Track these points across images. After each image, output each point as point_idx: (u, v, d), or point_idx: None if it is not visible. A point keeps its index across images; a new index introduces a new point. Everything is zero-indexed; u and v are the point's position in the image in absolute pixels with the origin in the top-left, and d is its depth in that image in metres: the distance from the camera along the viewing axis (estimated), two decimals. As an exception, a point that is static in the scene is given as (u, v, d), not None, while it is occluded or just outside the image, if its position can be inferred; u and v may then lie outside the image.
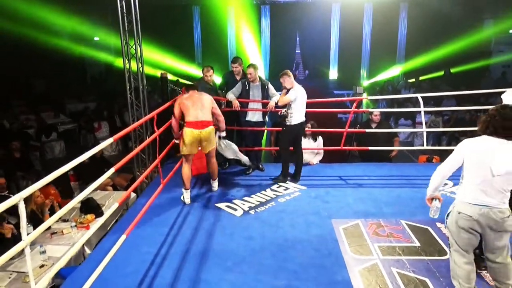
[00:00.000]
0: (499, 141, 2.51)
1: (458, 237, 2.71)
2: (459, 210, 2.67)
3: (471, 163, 2.58)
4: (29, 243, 2.00)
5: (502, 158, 2.48)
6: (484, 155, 2.53)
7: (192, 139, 4.38)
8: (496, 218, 2.56)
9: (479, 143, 2.58)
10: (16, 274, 3.72)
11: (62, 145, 9.35)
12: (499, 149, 2.49)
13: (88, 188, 2.80)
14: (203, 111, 4.43)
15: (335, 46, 15.68)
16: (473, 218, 2.60)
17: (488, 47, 14.81)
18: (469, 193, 2.62)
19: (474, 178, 2.59)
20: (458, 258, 2.75)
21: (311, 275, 3.23)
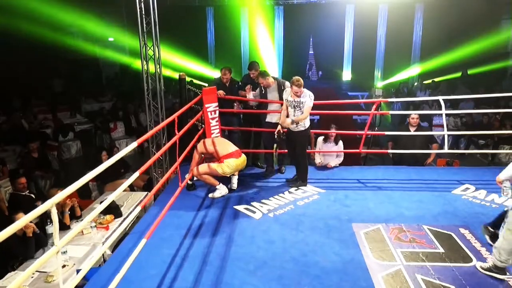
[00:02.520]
0: None
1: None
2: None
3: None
4: (61, 248, 2.00)
5: None
6: None
7: (235, 167, 4.86)
8: None
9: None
10: (38, 273, 3.76)
11: (78, 145, 9.45)
12: None
13: (115, 193, 2.81)
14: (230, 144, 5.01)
15: (348, 47, 15.58)
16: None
17: (506, 48, 14.56)
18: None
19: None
20: (510, 235, 3.07)
21: (334, 281, 3.19)
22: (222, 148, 4.87)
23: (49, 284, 3.61)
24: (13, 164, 7.35)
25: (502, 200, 4.58)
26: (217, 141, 5.03)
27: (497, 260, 3.16)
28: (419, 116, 5.69)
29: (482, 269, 3.28)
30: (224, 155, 4.80)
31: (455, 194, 4.85)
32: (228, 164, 4.76)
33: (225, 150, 4.85)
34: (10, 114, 9.43)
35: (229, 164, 4.77)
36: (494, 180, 5.12)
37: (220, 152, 4.82)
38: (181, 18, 14.58)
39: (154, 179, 6.49)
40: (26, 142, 7.67)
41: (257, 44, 15.32)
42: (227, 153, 4.82)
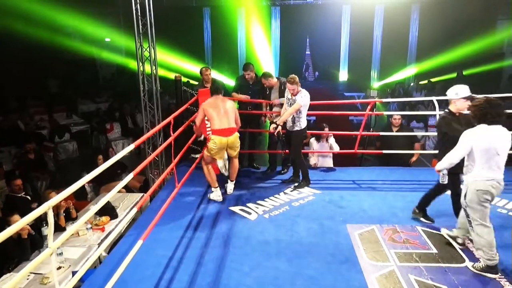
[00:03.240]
0: (494, 127, 3.11)
1: (479, 211, 3.21)
2: (476, 188, 3.17)
3: (480, 148, 3.10)
4: (55, 249, 2.02)
5: (500, 139, 3.10)
6: (488, 139, 3.08)
7: (221, 146, 4.59)
8: (501, 188, 3.21)
9: (482, 131, 3.12)
10: (33, 275, 3.76)
11: (74, 145, 9.45)
12: (496, 132, 3.10)
13: (109, 194, 2.81)
14: (228, 118, 4.62)
15: (345, 47, 15.62)
16: (489, 191, 3.15)
17: (501, 48, 14.64)
18: (482, 173, 3.15)
19: (485, 159, 3.12)
20: (481, 229, 3.22)
21: (329, 281, 3.22)
22: (216, 121, 4.58)
23: (45, 285, 3.62)
24: (9, 165, 7.34)
25: (496, 200, 4.61)
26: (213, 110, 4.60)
27: (486, 259, 3.24)
28: (416, 117, 5.76)
29: (475, 269, 3.32)
30: (214, 129, 4.61)
31: (448, 195, 4.87)
32: (213, 141, 4.57)
33: (218, 124, 4.58)
34: (6, 115, 9.41)
35: (215, 141, 4.56)
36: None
37: (212, 124, 4.62)
38: (177, 18, 14.57)
39: (150, 180, 6.50)
40: (22, 143, 7.66)
41: (254, 45, 15.33)
42: (218, 128, 4.57)
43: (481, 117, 3.14)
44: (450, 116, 3.72)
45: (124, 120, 10.43)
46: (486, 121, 3.12)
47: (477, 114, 3.16)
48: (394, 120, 5.92)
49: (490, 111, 3.10)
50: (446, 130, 3.66)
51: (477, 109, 3.15)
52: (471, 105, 3.25)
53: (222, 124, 4.58)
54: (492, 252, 3.20)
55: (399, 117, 5.95)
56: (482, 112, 3.13)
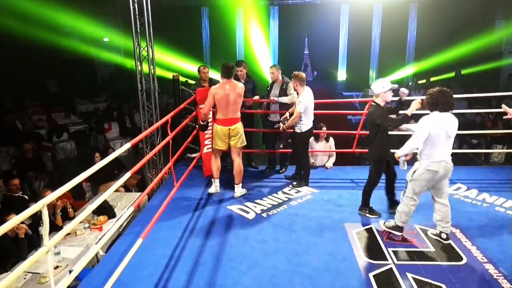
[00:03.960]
0: (445, 114, 3.47)
1: (419, 187, 3.61)
2: (427, 168, 3.52)
3: (435, 133, 3.43)
4: (51, 248, 2.01)
5: (450, 124, 3.46)
6: (441, 125, 3.43)
7: (223, 136, 4.64)
8: (450, 168, 3.57)
9: (436, 118, 3.45)
10: (31, 275, 3.75)
11: (73, 145, 9.42)
12: (447, 119, 3.46)
13: (107, 193, 2.80)
14: (234, 107, 4.61)
15: (343, 47, 15.62)
16: (437, 171, 3.52)
17: (499, 48, 14.65)
18: (434, 154, 3.49)
19: (438, 143, 3.46)
20: (410, 201, 3.69)
21: (327, 280, 3.21)
22: (222, 110, 4.58)
23: (42, 285, 3.60)
24: (7, 165, 7.32)
25: (493, 199, 4.64)
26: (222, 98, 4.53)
27: (399, 221, 3.77)
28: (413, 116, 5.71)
29: (386, 227, 3.88)
30: (218, 118, 4.65)
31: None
32: (215, 129, 4.67)
33: (223, 114, 4.59)
34: (4, 115, 9.39)
35: (216, 130, 4.66)
36: (486, 179, 5.25)
37: (217, 113, 4.64)
38: (176, 18, 14.54)
39: (148, 179, 6.49)
40: (20, 143, 7.64)
41: (252, 44, 15.32)
42: (222, 118, 4.60)
43: (434, 105, 3.49)
44: (379, 109, 4.00)
45: (122, 119, 10.41)
46: (438, 109, 3.47)
47: (432, 103, 3.50)
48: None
49: (442, 100, 3.46)
50: (380, 121, 3.94)
51: (432, 98, 3.50)
52: (427, 95, 3.57)
53: (227, 114, 4.58)
54: (407, 218, 3.75)
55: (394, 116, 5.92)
56: (436, 101, 3.47)
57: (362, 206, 4.37)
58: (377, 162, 4.15)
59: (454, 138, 3.57)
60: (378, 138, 4.01)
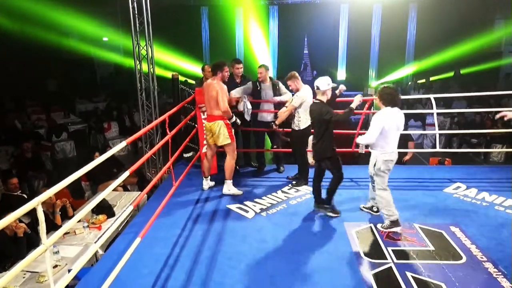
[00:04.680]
0: (395, 109, 3.80)
1: (383, 177, 3.88)
2: (385, 159, 3.82)
3: (389, 127, 3.74)
4: (49, 246, 2.00)
5: (399, 118, 3.80)
6: (393, 119, 3.75)
7: (206, 131, 4.86)
8: (396, 157, 3.90)
9: (389, 113, 3.77)
10: (30, 274, 3.74)
11: (72, 145, 9.43)
12: (396, 113, 3.79)
13: (105, 191, 2.79)
14: (210, 104, 4.70)
15: (343, 46, 15.62)
16: (393, 160, 3.85)
17: (499, 48, 14.66)
18: (389, 146, 3.81)
19: (391, 135, 3.78)
20: (384, 192, 3.90)
21: (326, 279, 3.21)
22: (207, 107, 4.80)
23: (41, 284, 3.60)
24: (6, 165, 7.31)
25: (493, 198, 4.64)
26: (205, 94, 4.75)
27: (389, 216, 3.88)
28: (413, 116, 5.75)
29: (383, 228, 3.94)
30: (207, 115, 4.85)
31: (446, 192, 4.89)
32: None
33: (208, 110, 4.80)
34: (3, 114, 9.38)
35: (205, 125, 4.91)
36: (485, 178, 5.25)
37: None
38: (175, 17, 14.54)
39: (148, 178, 6.49)
40: (19, 142, 7.63)
41: (252, 44, 15.32)
42: (208, 114, 4.81)
43: (388, 101, 3.79)
44: (324, 105, 4.08)
45: (121, 119, 10.41)
46: (391, 104, 3.78)
47: (387, 99, 3.80)
48: None
49: (394, 97, 3.80)
50: (330, 116, 4.01)
51: (386, 94, 3.80)
52: (381, 92, 3.85)
53: (208, 110, 4.78)
54: (392, 208, 3.86)
55: None
56: (390, 97, 3.79)
57: (324, 204, 4.33)
58: (331, 158, 4.17)
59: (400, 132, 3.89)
60: (327, 134, 4.09)
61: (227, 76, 4.82)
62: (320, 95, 4.12)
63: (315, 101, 4.18)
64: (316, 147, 4.21)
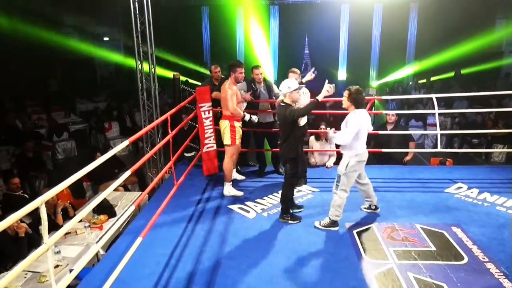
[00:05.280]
0: (364, 110, 3.92)
1: (351, 178, 3.94)
2: (358, 160, 3.88)
3: (362, 128, 3.82)
4: (51, 246, 2.00)
5: (367, 119, 3.92)
6: (364, 120, 3.85)
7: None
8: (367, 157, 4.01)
9: (361, 115, 3.84)
10: (31, 274, 3.74)
11: (73, 145, 9.42)
12: (366, 114, 3.90)
13: (106, 191, 2.79)
14: (222, 104, 4.83)
15: (344, 46, 15.62)
16: (364, 160, 3.96)
17: (500, 47, 14.64)
18: (361, 147, 3.87)
19: (362, 136, 3.85)
20: (344, 194, 3.96)
21: (327, 279, 3.21)
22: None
23: (42, 284, 3.60)
24: (7, 164, 7.31)
25: (494, 198, 4.63)
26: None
27: (334, 215, 3.97)
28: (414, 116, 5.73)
29: (322, 226, 4.02)
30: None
31: (447, 192, 4.88)
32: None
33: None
34: (3, 114, 9.37)
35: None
36: (487, 179, 5.24)
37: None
38: (176, 17, 14.55)
39: (149, 178, 6.49)
40: (20, 142, 7.63)
41: (253, 44, 15.32)
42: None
43: (359, 102, 3.84)
44: (288, 107, 4.04)
45: (122, 119, 10.41)
46: (361, 106, 3.86)
47: (358, 100, 3.84)
48: (389, 117, 5.89)
49: (363, 98, 3.89)
50: (292, 115, 3.97)
51: (356, 96, 3.84)
52: (352, 93, 3.86)
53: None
54: (341, 210, 3.97)
55: (394, 114, 5.90)
56: (360, 98, 3.85)
57: (283, 214, 4.22)
58: (291, 160, 4.11)
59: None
60: (291, 137, 4.05)
61: (241, 77, 4.75)
62: (285, 98, 4.06)
63: (281, 104, 4.09)
64: (281, 148, 4.14)
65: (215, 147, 5.43)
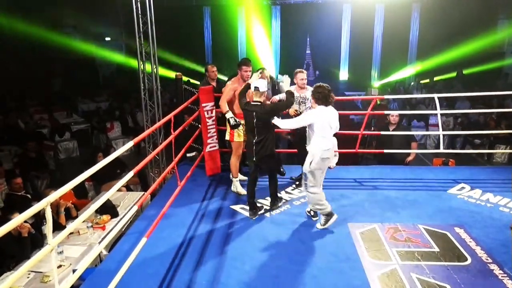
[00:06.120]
0: (329, 107, 3.93)
1: (319, 174, 3.93)
2: (322, 156, 3.86)
3: (321, 124, 3.85)
4: (55, 246, 2.00)
5: (332, 116, 3.91)
6: (325, 117, 3.86)
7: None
8: (333, 153, 4.03)
9: (321, 111, 3.89)
10: (34, 274, 3.75)
11: (75, 144, 9.43)
12: (330, 111, 3.92)
13: (110, 192, 2.79)
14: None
15: (345, 47, 15.62)
16: (329, 158, 3.94)
17: (502, 48, 14.62)
18: (324, 143, 3.87)
19: (324, 133, 3.87)
20: (316, 189, 3.97)
21: (330, 280, 3.20)
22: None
23: (45, 284, 3.61)
24: (9, 164, 7.32)
25: (497, 199, 4.63)
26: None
27: (321, 210, 4.01)
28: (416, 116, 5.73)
29: (322, 225, 4.03)
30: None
31: (450, 193, 4.87)
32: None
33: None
34: (5, 114, 9.39)
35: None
36: (489, 179, 5.23)
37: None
38: (178, 17, 14.56)
39: (151, 178, 6.49)
40: (22, 142, 7.64)
41: (254, 44, 15.33)
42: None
43: (321, 99, 3.90)
44: (263, 105, 4.15)
45: (124, 119, 10.41)
46: (325, 103, 3.89)
47: (319, 98, 3.90)
48: (392, 117, 5.89)
49: (326, 96, 3.89)
50: (271, 112, 4.11)
51: (317, 93, 3.91)
52: (314, 91, 3.97)
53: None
54: (323, 203, 3.98)
55: (396, 114, 5.91)
56: (322, 96, 3.89)
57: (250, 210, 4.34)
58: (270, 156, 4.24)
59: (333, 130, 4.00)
60: (269, 134, 4.16)
61: (246, 75, 4.73)
62: (258, 96, 4.13)
63: (255, 103, 4.12)
64: (257, 147, 4.16)
65: (217, 147, 5.43)
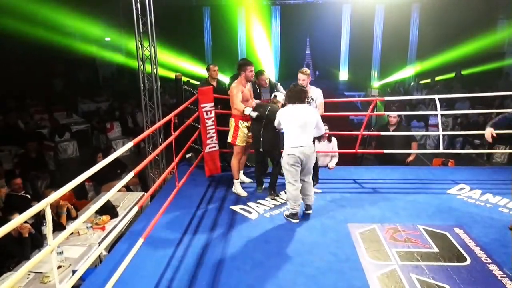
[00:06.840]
0: (301, 105, 4.02)
1: (289, 172, 4.02)
2: (288, 153, 3.97)
3: (289, 123, 4.00)
4: (55, 247, 2.00)
5: (301, 114, 3.98)
6: (293, 115, 3.98)
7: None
8: (308, 152, 3.99)
9: (289, 110, 4.04)
10: (34, 274, 3.75)
11: (75, 145, 9.44)
12: (301, 110, 4.01)
13: (110, 192, 2.80)
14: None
15: (345, 47, 15.62)
16: (295, 155, 3.95)
17: (502, 48, 14.62)
18: (292, 141, 3.97)
19: (291, 131, 3.98)
20: (290, 187, 4.07)
21: (330, 280, 3.20)
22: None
23: (45, 284, 3.61)
24: (9, 165, 7.33)
25: (497, 199, 4.63)
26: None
27: (291, 209, 4.14)
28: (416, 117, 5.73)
29: (285, 216, 4.24)
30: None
31: (450, 193, 4.88)
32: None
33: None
34: (5, 114, 9.39)
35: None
36: (489, 180, 5.24)
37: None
38: (178, 17, 14.57)
39: (151, 179, 6.49)
40: (22, 142, 7.64)
41: (254, 44, 15.33)
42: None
43: (292, 99, 4.03)
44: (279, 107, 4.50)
45: (124, 119, 10.42)
46: (297, 101, 4.01)
47: (289, 97, 4.07)
48: (391, 118, 5.90)
49: (297, 94, 4.01)
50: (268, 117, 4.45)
51: (292, 93, 4.06)
52: (287, 91, 4.14)
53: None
54: (296, 204, 4.11)
55: (396, 115, 5.91)
56: (292, 95, 4.04)
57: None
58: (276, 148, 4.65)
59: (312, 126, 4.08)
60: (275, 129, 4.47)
61: (251, 76, 4.74)
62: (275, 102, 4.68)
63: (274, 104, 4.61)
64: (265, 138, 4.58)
65: (217, 147, 5.43)
